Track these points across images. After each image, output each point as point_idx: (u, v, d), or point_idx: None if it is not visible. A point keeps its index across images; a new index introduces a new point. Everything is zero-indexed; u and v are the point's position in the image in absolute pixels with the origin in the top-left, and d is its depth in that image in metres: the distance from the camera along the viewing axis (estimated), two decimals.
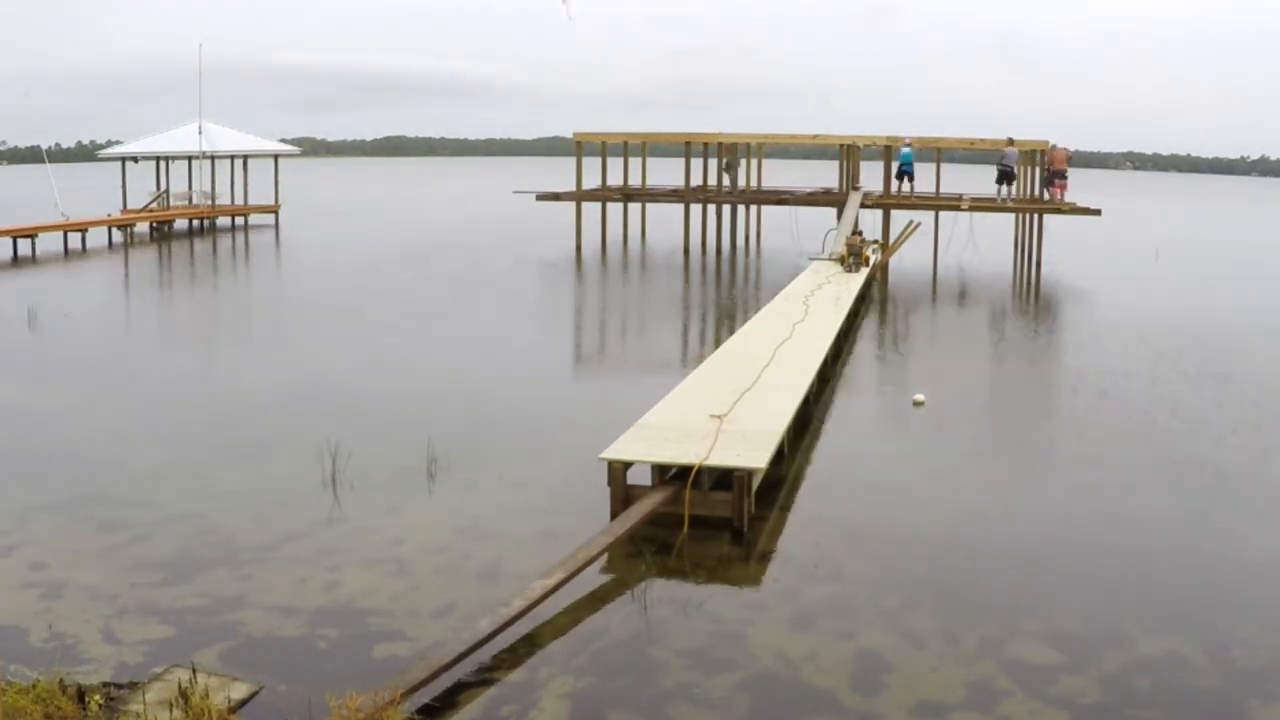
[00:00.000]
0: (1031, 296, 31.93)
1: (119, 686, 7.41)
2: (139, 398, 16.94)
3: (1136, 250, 45.44)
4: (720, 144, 41.52)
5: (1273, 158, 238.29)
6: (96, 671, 7.78)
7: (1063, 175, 38.57)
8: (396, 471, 12.70)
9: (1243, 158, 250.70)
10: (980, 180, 41.34)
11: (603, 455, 11.22)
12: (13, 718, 6.73)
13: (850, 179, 41.07)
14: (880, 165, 39.57)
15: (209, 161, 50.21)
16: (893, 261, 35.28)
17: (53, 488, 12.10)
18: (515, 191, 47.32)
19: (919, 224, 35.61)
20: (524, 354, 21.23)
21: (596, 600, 9.32)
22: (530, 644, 8.43)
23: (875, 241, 35.29)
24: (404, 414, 15.76)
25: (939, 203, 38.84)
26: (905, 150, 38.37)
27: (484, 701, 7.62)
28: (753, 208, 43.88)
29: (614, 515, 10.77)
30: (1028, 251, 38.46)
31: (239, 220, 52.06)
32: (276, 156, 54.65)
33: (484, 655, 8.09)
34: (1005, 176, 38.14)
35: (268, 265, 38.71)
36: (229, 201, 52.42)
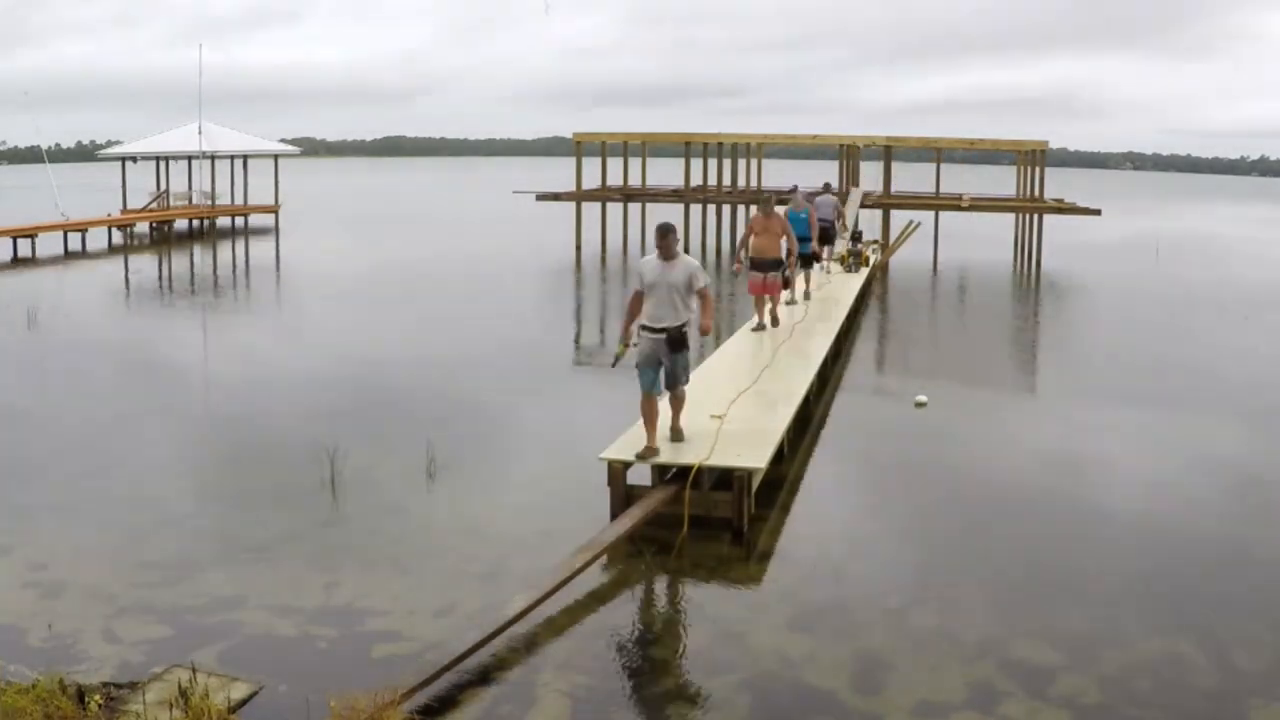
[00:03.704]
0: (1032, 296, 31.94)
1: (119, 686, 7.40)
2: (138, 397, 16.94)
3: (1137, 249, 45.43)
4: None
5: (1273, 158, 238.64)
6: (96, 671, 7.77)
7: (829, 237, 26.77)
8: (396, 471, 12.70)
9: (1243, 158, 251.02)
10: (978, 180, 41.40)
11: (603, 455, 11.22)
12: (12, 718, 6.73)
13: (850, 179, 41.10)
14: (880, 165, 39.58)
15: (209, 161, 50.21)
16: (892, 261, 35.29)
17: (53, 488, 12.10)
18: (515, 191, 47.35)
19: (919, 224, 35.63)
20: (524, 354, 21.22)
21: (596, 600, 9.32)
22: (530, 644, 8.42)
23: (875, 241, 35.32)
24: (404, 414, 15.76)
25: (939, 203, 38.87)
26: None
27: (484, 701, 7.61)
28: (753, 208, 43.87)
29: (614, 515, 10.76)
30: (1027, 251, 38.49)
31: (239, 220, 52.06)
32: (276, 156, 54.63)
33: (484, 655, 8.08)
34: (825, 236, 26.19)
35: (267, 264, 38.70)
36: (229, 201, 52.42)
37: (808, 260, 22.07)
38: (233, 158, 52.72)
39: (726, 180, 42.59)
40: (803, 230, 20.79)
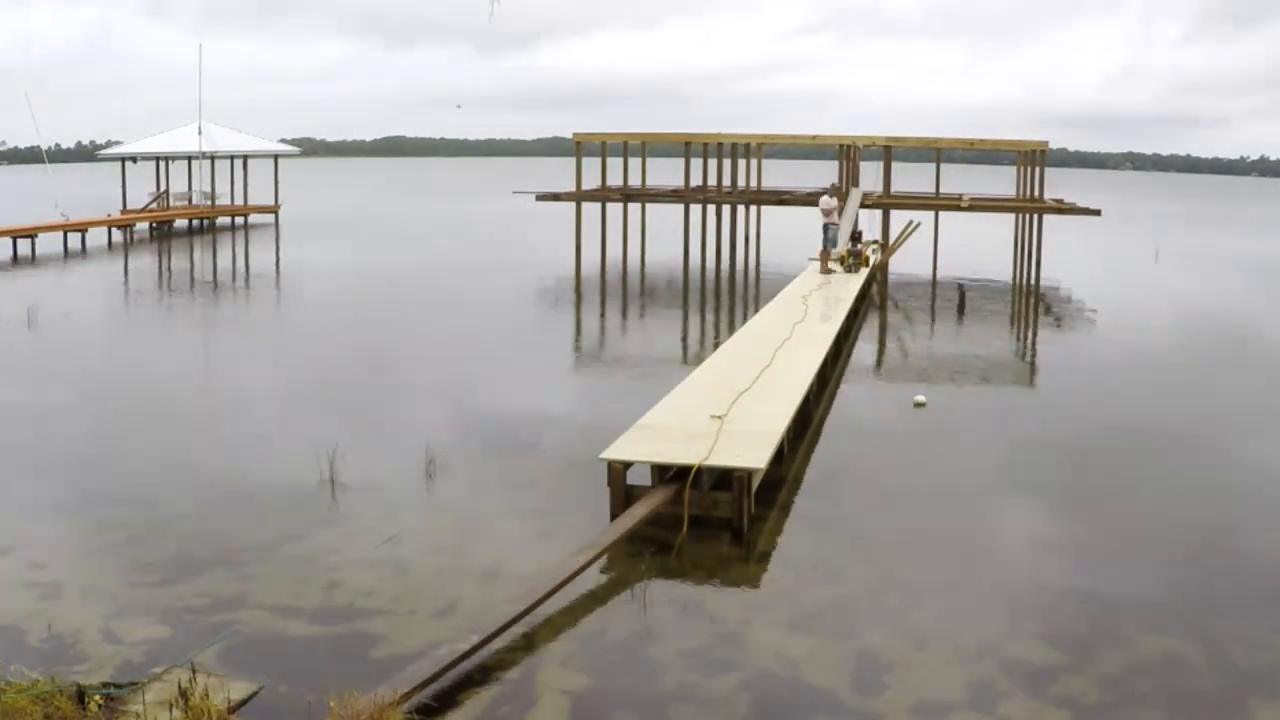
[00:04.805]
0: (1031, 296, 31.93)
1: (119, 686, 7.40)
2: (138, 398, 16.93)
3: (1136, 250, 45.42)
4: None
5: (1273, 158, 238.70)
6: (96, 671, 7.77)
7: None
8: (395, 471, 12.70)
9: (1243, 158, 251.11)
10: (977, 181, 41.31)
11: (603, 455, 11.22)
12: (12, 718, 6.73)
13: (850, 179, 41.05)
14: (880, 165, 39.52)
15: (209, 161, 50.21)
16: (892, 261, 35.26)
17: (53, 488, 12.10)
18: (515, 191, 47.31)
19: (919, 224, 35.58)
20: (523, 354, 21.23)
21: (596, 600, 9.32)
22: (530, 644, 8.42)
23: (875, 242, 35.28)
24: (403, 414, 15.76)
25: (939, 203, 38.84)
26: None
27: (484, 701, 7.61)
28: (753, 208, 43.87)
29: (614, 515, 10.76)
30: (1027, 251, 38.47)
31: (239, 220, 52.06)
32: (276, 157, 54.64)
33: (484, 655, 8.08)
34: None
35: (266, 265, 38.70)
36: (229, 201, 52.43)
37: None
38: (232, 158, 52.72)
39: (726, 180, 42.52)
40: None
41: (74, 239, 41.09)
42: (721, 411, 12.72)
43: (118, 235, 45.66)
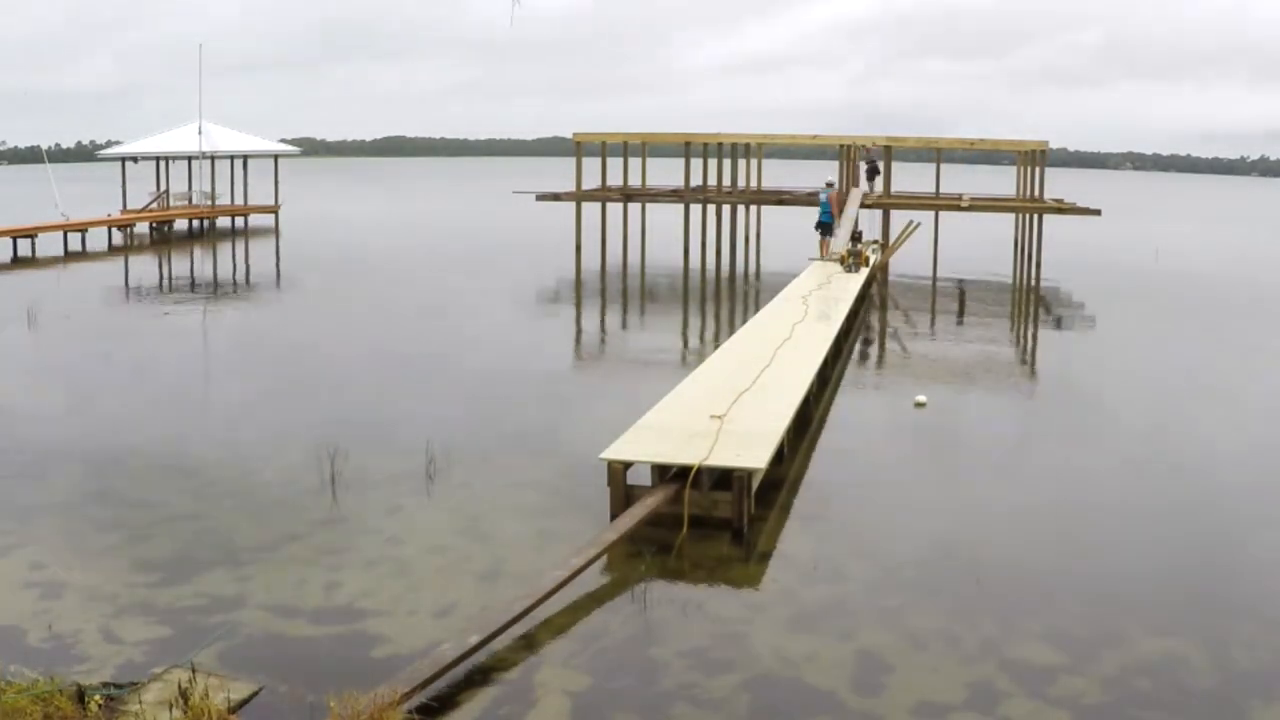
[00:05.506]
0: (1031, 296, 31.93)
1: (119, 686, 7.40)
2: (138, 398, 16.93)
3: (1136, 250, 45.40)
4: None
5: (1273, 158, 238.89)
6: (96, 671, 7.78)
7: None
8: (396, 472, 12.70)
9: (1243, 158, 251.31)
10: (975, 181, 41.27)
11: (603, 455, 11.22)
12: (12, 718, 6.73)
13: (850, 179, 41.04)
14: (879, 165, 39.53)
15: (209, 162, 50.16)
16: (892, 261, 35.27)
17: (53, 488, 12.10)
18: (515, 191, 47.30)
19: (919, 224, 35.58)
20: (523, 354, 21.23)
21: (596, 600, 9.32)
22: (530, 644, 8.42)
23: (875, 242, 35.28)
24: (403, 414, 15.76)
25: (939, 203, 38.83)
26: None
27: (484, 701, 7.62)
28: (753, 208, 43.86)
29: (614, 515, 10.77)
30: (1027, 252, 38.46)
31: (239, 220, 52.04)
32: (276, 157, 54.60)
33: (484, 655, 8.08)
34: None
35: (266, 265, 38.69)
36: (229, 202, 52.40)
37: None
38: (232, 158, 52.68)
39: (726, 180, 42.51)
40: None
41: (74, 239, 41.08)
42: (721, 411, 12.72)
43: (118, 235, 45.64)
